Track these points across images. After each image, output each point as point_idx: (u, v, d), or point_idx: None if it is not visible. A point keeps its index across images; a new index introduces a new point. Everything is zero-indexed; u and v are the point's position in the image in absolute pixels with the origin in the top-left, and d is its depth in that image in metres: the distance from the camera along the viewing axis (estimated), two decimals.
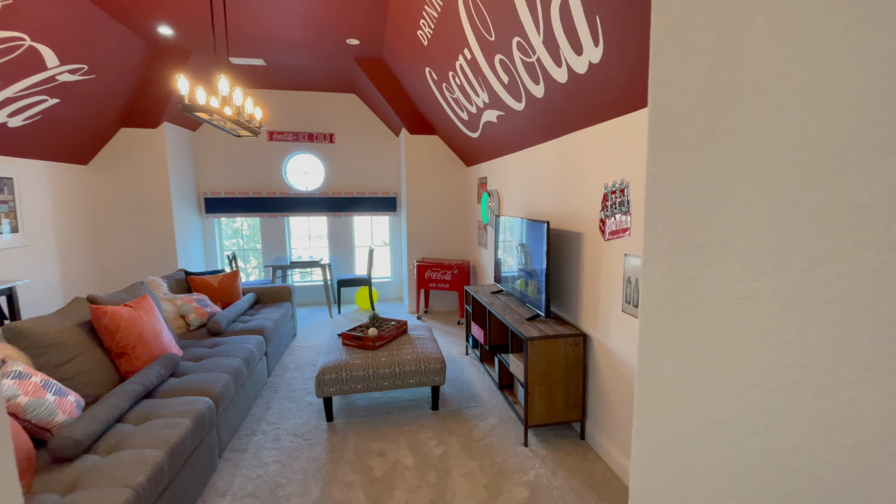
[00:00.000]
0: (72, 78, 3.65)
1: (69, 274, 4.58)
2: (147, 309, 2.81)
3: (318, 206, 6.06)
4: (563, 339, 2.57)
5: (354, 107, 5.99)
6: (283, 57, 4.51)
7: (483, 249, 5.00)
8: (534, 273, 2.91)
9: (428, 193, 5.54)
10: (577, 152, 2.69)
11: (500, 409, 3.04)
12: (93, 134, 4.55)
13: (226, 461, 2.52)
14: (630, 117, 2.14)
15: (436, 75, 3.78)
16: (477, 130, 4.03)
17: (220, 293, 4.13)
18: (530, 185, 3.48)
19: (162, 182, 5.03)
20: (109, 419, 2.02)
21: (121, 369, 2.53)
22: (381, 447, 2.62)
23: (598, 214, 2.48)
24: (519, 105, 2.97)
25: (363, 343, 3.08)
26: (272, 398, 3.30)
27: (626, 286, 2.23)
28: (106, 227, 5.03)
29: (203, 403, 2.32)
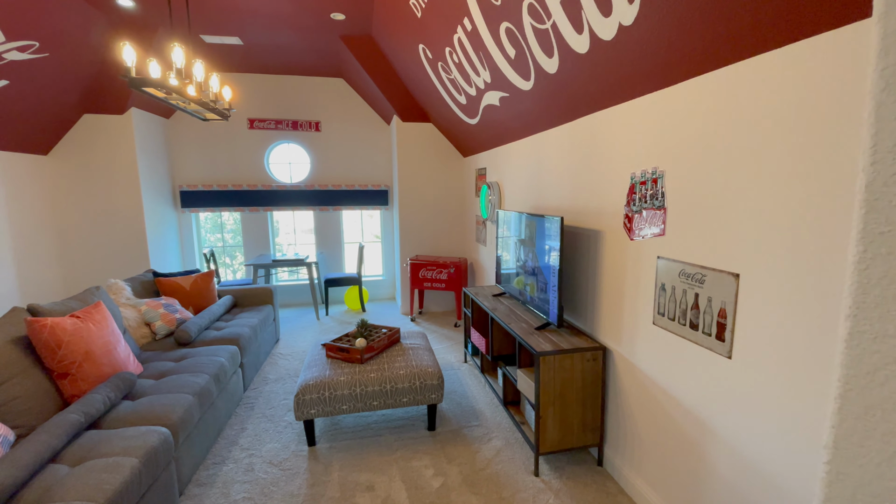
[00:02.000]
0: (21, 56, 3.21)
1: (27, 278, 4.15)
2: (98, 319, 2.42)
3: (304, 200, 5.65)
4: (579, 354, 2.23)
5: (342, 92, 5.57)
6: (261, 35, 4.08)
7: (482, 246, 4.64)
8: (543, 275, 2.56)
9: (422, 186, 5.15)
10: (596, 137, 2.33)
11: (505, 430, 2.70)
12: (52, 121, 4.10)
13: (188, 499, 2.16)
14: (667, 92, 1.79)
15: (430, 53, 3.39)
16: (476, 116, 3.65)
17: (192, 296, 3.74)
18: (537, 176, 3.12)
19: (130, 174, 4.60)
20: (37, 462, 1.64)
21: (64, 393, 2.16)
22: (370, 479, 2.27)
23: (622, 209, 2.12)
24: (527, 84, 2.59)
25: (350, 356, 2.72)
26: (248, 417, 2.93)
27: (658, 294, 1.89)
28: (70, 224, 4.59)
29: (157, 436, 1.95)
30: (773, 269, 1.36)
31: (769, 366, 1.39)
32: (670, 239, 1.81)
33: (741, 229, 1.47)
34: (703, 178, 1.62)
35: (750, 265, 1.44)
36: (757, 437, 1.44)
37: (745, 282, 1.47)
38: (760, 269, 1.40)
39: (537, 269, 2.65)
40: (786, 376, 1.34)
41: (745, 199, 1.45)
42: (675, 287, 1.78)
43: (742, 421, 1.50)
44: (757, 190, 1.40)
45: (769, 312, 1.38)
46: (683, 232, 1.73)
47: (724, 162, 1.52)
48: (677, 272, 1.76)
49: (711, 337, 1.62)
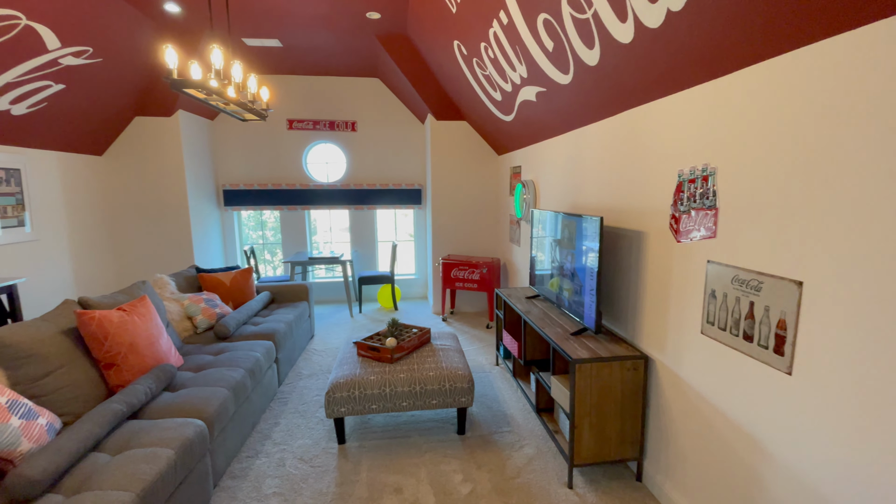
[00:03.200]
0: (76, 62, 3.41)
1: (82, 271, 4.41)
2: (143, 313, 2.52)
3: (340, 199, 5.73)
4: (618, 362, 2.11)
5: (377, 92, 5.60)
6: (299, 36, 4.15)
7: (515, 247, 4.53)
8: (580, 278, 2.45)
9: (455, 185, 5.10)
10: (639, 132, 2.20)
11: (537, 438, 2.60)
12: (106, 123, 4.34)
13: (222, 490, 2.21)
14: (721, 83, 1.64)
15: (465, 49, 3.32)
16: (511, 112, 3.56)
17: (232, 292, 3.85)
18: (575, 173, 2.99)
19: (177, 173, 4.81)
20: (80, 449, 1.71)
21: (109, 383, 2.25)
22: (399, 481, 2.24)
23: (667, 209, 1.98)
24: (565, 77, 2.48)
25: (380, 355, 2.70)
26: (281, 412, 2.98)
27: (707, 301, 1.74)
28: (122, 221, 4.85)
29: (193, 428, 1.99)
30: (843, 276, 1.21)
31: (836, 385, 1.24)
32: (722, 242, 1.66)
33: (806, 232, 1.32)
34: (761, 175, 1.47)
35: (816, 272, 1.29)
36: (820, 464, 1.29)
37: (809, 290, 1.32)
38: (828, 276, 1.25)
39: (574, 271, 2.54)
40: (856, 398, 1.19)
41: (812, 199, 1.30)
42: (726, 294, 1.64)
43: (803, 444, 1.35)
44: (826, 188, 1.25)
45: (838, 325, 1.23)
46: (737, 234, 1.59)
47: (786, 158, 1.38)
48: (730, 278, 1.62)
49: (768, 350, 1.47)
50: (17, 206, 3.61)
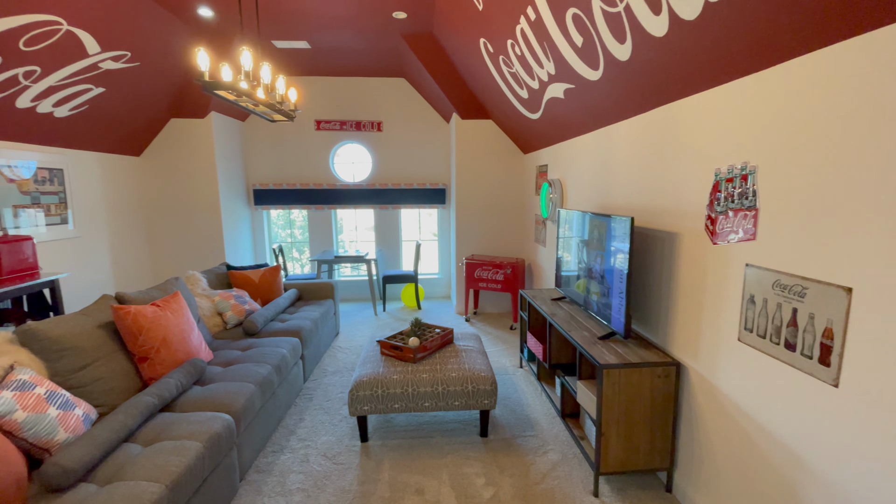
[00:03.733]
0: (115, 66, 3.55)
1: (120, 267, 4.60)
2: (175, 308, 2.59)
3: (365, 199, 5.79)
4: (648, 369, 2.03)
5: (403, 92, 5.62)
6: (327, 38, 4.20)
7: (541, 247, 4.46)
8: (608, 280, 2.37)
9: (480, 184, 5.06)
10: (673, 130, 2.11)
11: (562, 443, 2.54)
12: (143, 124, 4.51)
13: (248, 484, 2.25)
14: (763, 76, 1.55)
15: (492, 47, 3.28)
16: (538, 110, 3.49)
17: (260, 289, 3.94)
18: (604, 172, 2.91)
19: (210, 173, 4.95)
20: (113, 440, 1.77)
21: (143, 376, 2.33)
22: (420, 482, 2.23)
23: (703, 210, 1.90)
24: (594, 74, 2.41)
25: (403, 354, 2.70)
26: (306, 408, 3.02)
27: (745, 307, 1.65)
28: (157, 219, 5.04)
29: (221, 422, 2.03)
30: None
31: (887, 400, 1.15)
32: (763, 244, 1.57)
33: (857, 235, 1.23)
34: (807, 174, 1.38)
35: (867, 278, 1.20)
36: (867, 485, 1.20)
37: (859, 297, 1.23)
38: (882, 282, 1.16)
39: (602, 273, 2.47)
40: None
41: (864, 199, 1.20)
42: (766, 300, 1.55)
43: (849, 462, 1.26)
44: (880, 188, 1.16)
45: (891, 336, 1.14)
46: (779, 236, 1.50)
47: (835, 155, 1.29)
48: (770, 283, 1.53)
49: (813, 360, 1.38)
50: (59, 204, 3.79)
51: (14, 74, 2.89)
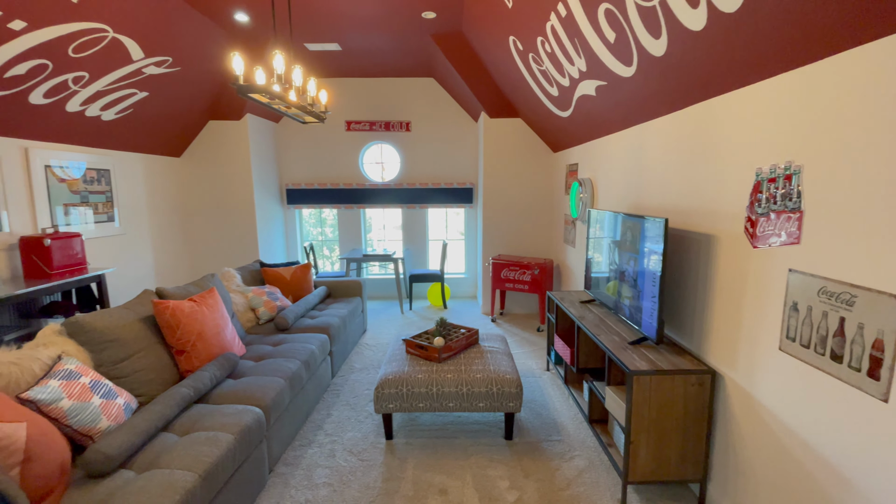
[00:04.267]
0: (158, 70, 3.71)
1: (161, 263, 4.82)
2: (211, 304, 2.69)
3: (393, 198, 5.84)
4: (682, 376, 1.95)
5: (432, 92, 5.63)
6: (357, 39, 4.26)
7: (570, 248, 4.37)
8: (640, 283, 2.30)
9: (507, 183, 5.01)
10: (710, 127, 2.02)
11: (589, 449, 2.49)
12: (184, 126, 4.70)
13: (277, 476, 2.31)
14: (810, 70, 1.46)
15: (521, 44, 3.24)
16: (569, 108, 3.42)
17: (291, 286, 4.04)
18: (636, 171, 2.82)
19: (245, 173, 5.12)
20: (151, 429, 1.85)
21: (180, 368, 2.42)
22: (444, 482, 2.23)
23: (742, 211, 1.81)
24: (627, 70, 2.34)
25: (428, 354, 2.71)
26: (333, 403, 3.07)
27: (788, 315, 1.56)
28: (195, 217, 5.25)
29: (251, 415, 2.10)
30: None
31: None
32: (807, 248, 1.48)
33: None
34: (857, 174, 1.29)
35: None
36: None
37: None
38: None
39: (634, 276, 2.39)
40: None
41: None
42: (811, 307, 1.46)
43: None
44: None
45: None
46: (826, 240, 1.41)
47: (889, 154, 1.19)
48: (816, 289, 1.44)
49: (861, 373, 1.29)
50: (106, 203, 4.01)
51: (64, 80, 3.07)
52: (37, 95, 3.01)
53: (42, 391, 1.64)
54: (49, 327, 2.06)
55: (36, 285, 2.91)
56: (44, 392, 1.64)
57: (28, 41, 2.62)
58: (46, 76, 2.93)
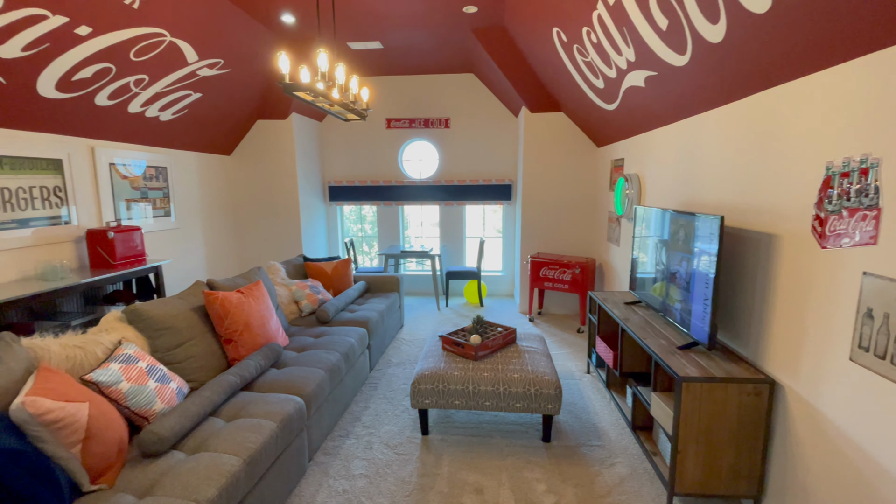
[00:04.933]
0: (210, 72, 3.89)
1: (212, 256, 5.07)
2: (257, 296, 2.79)
3: (431, 195, 5.86)
4: (736, 385, 1.83)
5: (471, 88, 5.59)
6: (398, 37, 4.28)
7: (614, 247, 4.22)
8: (691, 284, 2.17)
9: (548, 179, 4.90)
10: (773, 118, 1.87)
11: (631, 456, 2.39)
12: (234, 126, 4.92)
13: (316, 464, 2.37)
14: (891, 53, 1.31)
15: (565, 35, 3.14)
16: (615, 101, 3.29)
17: (332, 280, 4.13)
18: (689, 166, 2.67)
19: (290, 171, 5.28)
20: (201, 413, 1.94)
21: (228, 356, 2.53)
22: (479, 481, 2.21)
23: (809, 209, 1.66)
24: (681, 59, 2.21)
25: (464, 351, 2.69)
26: (371, 396, 3.12)
27: (861, 322, 1.42)
28: (244, 213, 5.48)
29: (293, 404, 2.16)
30: None
31: None
32: (886, 250, 1.34)
33: None
34: None
35: None
36: None
37: None
38: None
39: (684, 276, 2.27)
40: None
41: None
42: (888, 315, 1.32)
43: None
44: None
45: None
46: None
47: None
48: (894, 295, 1.30)
49: None
50: (163, 199, 4.25)
51: (126, 82, 3.27)
52: (102, 97, 3.22)
53: (103, 374, 1.75)
54: (111, 314, 2.20)
55: (100, 275, 3.13)
56: (105, 374, 1.75)
57: (93, 46, 2.81)
58: (110, 79, 3.14)
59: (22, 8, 2.33)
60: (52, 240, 3.21)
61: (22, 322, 2.94)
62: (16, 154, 2.93)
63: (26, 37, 2.46)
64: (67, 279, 2.95)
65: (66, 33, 2.62)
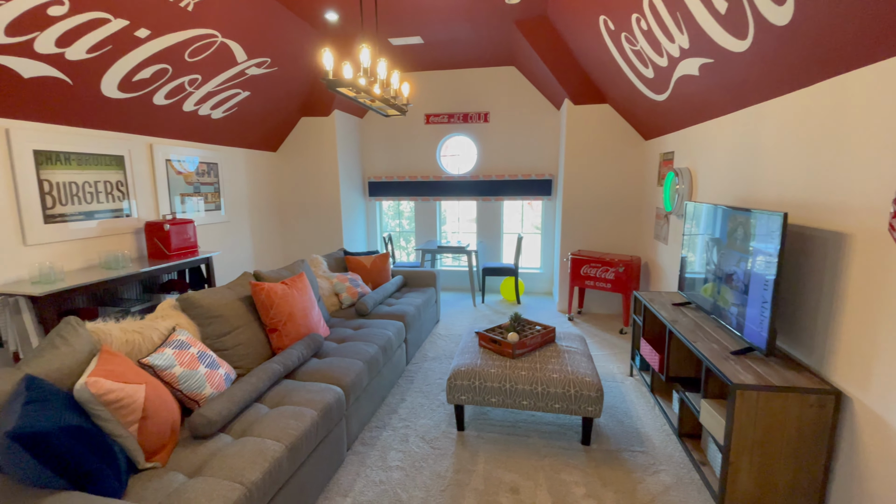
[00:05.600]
0: (258, 71, 4.02)
1: (259, 248, 5.28)
2: (301, 287, 2.86)
3: (469, 190, 5.82)
4: (797, 395, 1.70)
5: (512, 81, 5.49)
6: (439, 31, 4.26)
7: (661, 245, 4.03)
8: (748, 285, 2.03)
9: (591, 174, 4.74)
10: (845, 106, 1.71)
11: (677, 465, 2.27)
12: (280, 123, 5.08)
13: (354, 454, 2.41)
14: None
15: (613, 24, 3.01)
16: (666, 91, 3.13)
17: (371, 274, 4.20)
18: (747, 159, 2.50)
19: (332, 167, 5.41)
20: (247, 399, 2.02)
21: (272, 345, 2.62)
22: (515, 481, 2.17)
23: (886, 205, 1.51)
24: (740, 44, 2.06)
25: (501, 349, 2.65)
26: (407, 389, 3.15)
27: None
28: (288, 207, 5.66)
29: (333, 394, 2.20)
30: None
31: None
32: None
33: None
34: None
35: None
36: None
37: None
38: None
39: (740, 277, 2.12)
40: None
41: None
42: None
43: None
44: None
45: None
46: None
47: None
48: None
49: None
50: (214, 193, 4.46)
51: (181, 82, 3.44)
52: (159, 97, 3.41)
53: (159, 358, 1.85)
54: (166, 302, 2.33)
55: (157, 264, 3.32)
56: (160, 358, 1.85)
57: (151, 48, 2.97)
58: (167, 79, 3.31)
59: (86, 12, 2.49)
60: (115, 231, 3.43)
61: (87, 307, 3.17)
62: (83, 151, 3.15)
63: (90, 39, 2.63)
64: (128, 268, 3.15)
65: (126, 36, 2.78)
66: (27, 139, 2.81)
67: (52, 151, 2.95)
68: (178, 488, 1.48)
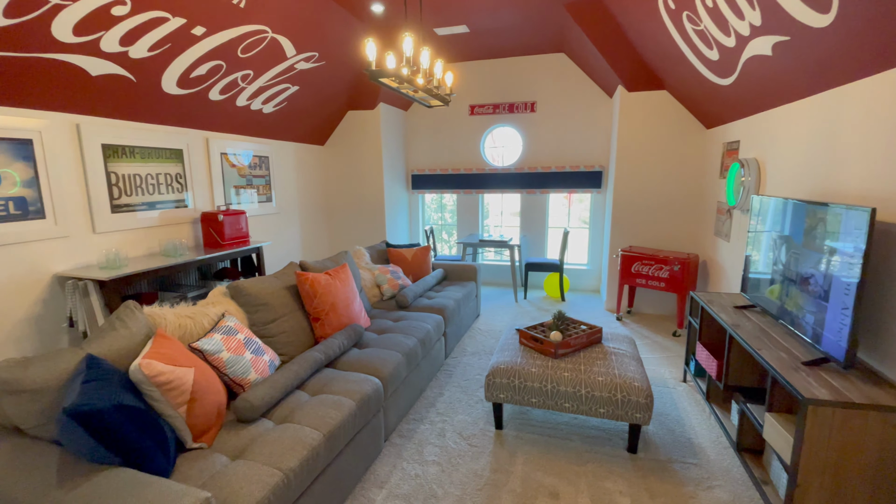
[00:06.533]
0: (307, 66, 4.11)
1: (306, 239, 5.44)
2: (343, 278, 2.90)
3: (513, 183, 5.69)
4: (880, 414, 1.49)
5: (561, 68, 5.28)
6: (486, 19, 4.15)
7: (722, 242, 3.74)
8: (825, 289, 1.82)
9: (645, 165, 4.47)
10: None
11: (734, 481, 2.10)
12: (328, 117, 5.18)
13: (391, 445, 2.42)
14: None
15: (674, 3, 2.79)
16: (732, 74, 2.87)
17: (412, 266, 4.20)
18: (825, 149, 2.24)
19: (377, 160, 5.46)
20: (289, 386, 2.06)
21: (315, 334, 2.67)
22: (555, 485, 2.09)
23: None
24: (822, 18, 1.83)
25: (543, 348, 2.56)
26: (446, 383, 3.12)
27: None
28: (334, 199, 5.79)
29: (371, 385, 2.21)
30: None
31: None
32: None
33: None
34: None
35: None
36: None
37: None
38: None
39: (816, 279, 1.91)
40: None
41: None
42: None
43: None
44: None
45: None
46: None
47: None
48: None
49: None
50: (265, 186, 4.62)
51: (235, 78, 3.57)
52: (214, 92, 3.55)
53: (208, 342, 1.93)
54: (217, 289, 2.43)
55: (212, 253, 3.49)
56: (209, 343, 1.92)
57: (207, 45, 3.09)
58: (221, 75, 3.44)
59: (146, 11, 2.62)
60: (174, 221, 3.64)
61: (148, 292, 3.39)
62: (145, 145, 3.35)
63: (151, 38, 2.78)
64: (185, 256, 3.33)
65: (184, 33, 2.91)
66: (96, 134, 3.02)
67: (118, 145, 3.16)
68: (221, 470, 1.53)
